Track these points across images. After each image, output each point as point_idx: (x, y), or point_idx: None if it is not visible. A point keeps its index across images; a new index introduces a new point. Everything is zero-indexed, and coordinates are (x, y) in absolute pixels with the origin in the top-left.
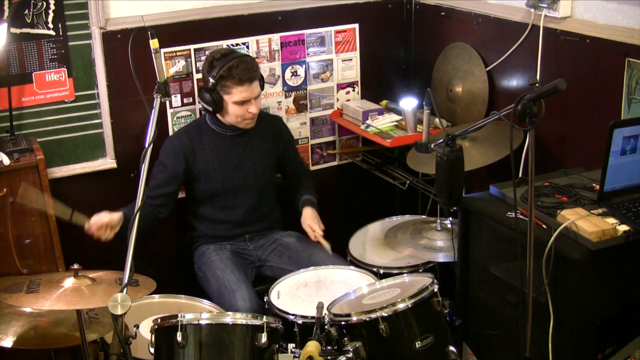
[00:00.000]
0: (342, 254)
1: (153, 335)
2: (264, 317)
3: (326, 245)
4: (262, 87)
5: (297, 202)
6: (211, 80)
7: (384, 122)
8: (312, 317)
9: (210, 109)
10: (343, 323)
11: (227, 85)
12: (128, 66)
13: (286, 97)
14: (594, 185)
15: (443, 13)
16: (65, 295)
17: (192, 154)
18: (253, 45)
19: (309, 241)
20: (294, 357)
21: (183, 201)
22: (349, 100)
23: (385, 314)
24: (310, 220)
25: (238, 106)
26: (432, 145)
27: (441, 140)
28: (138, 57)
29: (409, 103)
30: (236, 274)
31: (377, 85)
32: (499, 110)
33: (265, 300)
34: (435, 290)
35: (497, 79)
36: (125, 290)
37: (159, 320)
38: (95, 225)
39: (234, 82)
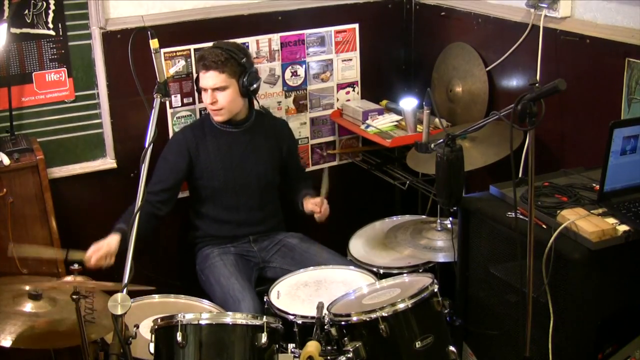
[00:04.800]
0: (342, 254)
1: (153, 335)
2: (264, 317)
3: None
4: (243, 88)
5: (297, 201)
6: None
7: (384, 122)
8: (312, 317)
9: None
10: (343, 323)
11: (197, 70)
12: (128, 66)
13: (286, 97)
14: (594, 185)
15: (443, 13)
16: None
17: (195, 150)
18: (253, 45)
19: (312, 242)
20: (294, 357)
21: (186, 201)
22: (349, 100)
23: (385, 314)
24: (313, 201)
25: (203, 92)
26: (432, 145)
27: (441, 140)
28: (138, 57)
29: (409, 103)
30: (240, 282)
31: (377, 85)
32: (499, 110)
33: (265, 300)
34: (435, 290)
35: (497, 79)
36: (125, 290)
37: (159, 320)
38: (94, 258)
39: (198, 66)
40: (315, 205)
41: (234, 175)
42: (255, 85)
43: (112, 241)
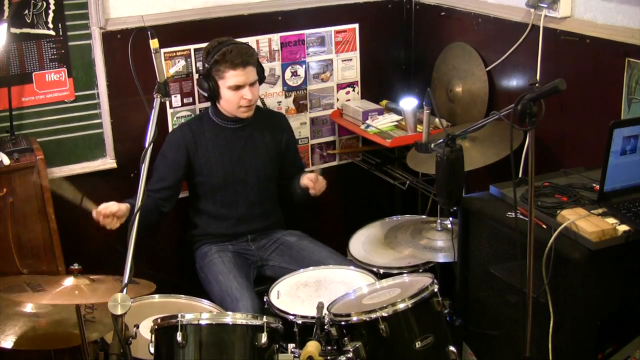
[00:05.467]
0: (342, 254)
1: (153, 335)
2: (264, 317)
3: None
4: (261, 77)
5: (293, 188)
6: (206, 65)
7: (384, 122)
8: (312, 317)
9: (206, 94)
10: (343, 323)
11: (221, 69)
12: (128, 66)
13: (286, 97)
14: (594, 185)
15: (443, 13)
16: (65, 292)
17: (193, 145)
18: (253, 45)
19: (310, 239)
20: (294, 357)
21: (185, 199)
22: (349, 100)
23: (385, 314)
24: (307, 175)
25: (232, 92)
26: (432, 145)
27: (441, 140)
28: (138, 57)
29: (409, 103)
30: (239, 279)
31: (377, 85)
32: (499, 110)
33: (265, 300)
34: (435, 290)
35: (497, 79)
36: (125, 290)
37: (159, 320)
38: (103, 212)
39: (227, 66)
40: (310, 180)
41: (233, 171)
42: (264, 80)
43: (122, 205)
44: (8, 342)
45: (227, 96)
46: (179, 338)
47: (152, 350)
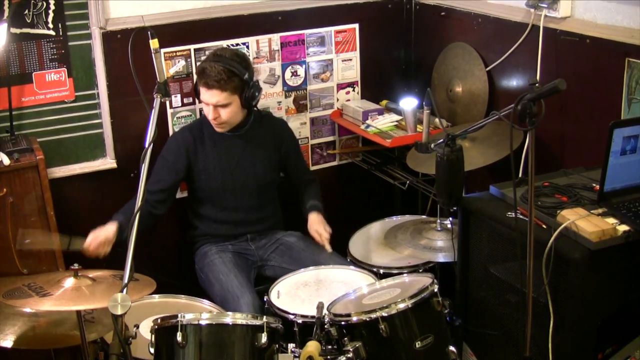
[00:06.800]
0: (342, 254)
1: (153, 335)
2: (264, 317)
3: (328, 248)
4: (247, 99)
5: (303, 208)
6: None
7: (384, 122)
8: (312, 317)
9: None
10: (343, 323)
11: (198, 82)
12: (128, 66)
13: (286, 97)
14: (594, 185)
15: (443, 13)
16: (66, 295)
17: (193, 151)
18: (253, 45)
19: (311, 241)
20: (294, 357)
21: (184, 200)
22: (349, 100)
23: (385, 314)
24: (317, 224)
25: (205, 105)
26: (432, 145)
27: (441, 140)
28: (138, 57)
29: (409, 103)
30: (239, 279)
31: (377, 85)
32: (499, 110)
33: (265, 300)
34: (435, 290)
35: (497, 79)
36: (125, 290)
37: (159, 320)
38: (93, 244)
39: (200, 82)
40: (317, 233)
41: (232, 177)
42: (257, 99)
43: (109, 229)
44: (7, 342)
45: (203, 106)
46: (179, 338)
47: (152, 350)
